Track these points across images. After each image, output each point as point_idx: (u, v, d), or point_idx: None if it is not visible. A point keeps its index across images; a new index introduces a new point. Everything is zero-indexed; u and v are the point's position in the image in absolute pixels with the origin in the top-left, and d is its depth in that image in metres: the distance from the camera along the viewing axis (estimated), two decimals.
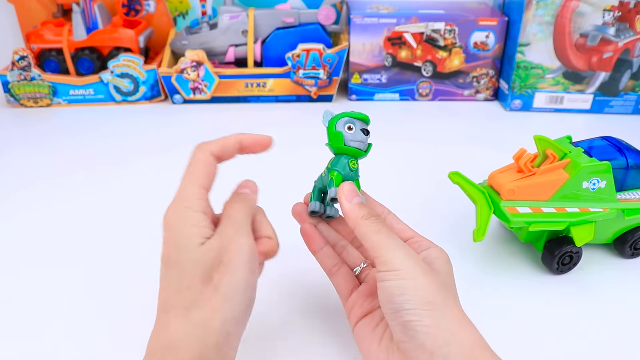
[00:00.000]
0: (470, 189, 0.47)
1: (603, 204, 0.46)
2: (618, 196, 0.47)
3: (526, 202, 0.45)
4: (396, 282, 0.32)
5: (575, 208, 0.46)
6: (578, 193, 0.46)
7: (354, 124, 0.39)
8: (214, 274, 0.31)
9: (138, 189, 0.62)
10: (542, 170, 0.45)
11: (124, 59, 0.84)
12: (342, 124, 0.39)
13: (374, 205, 0.41)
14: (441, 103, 0.89)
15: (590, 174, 0.45)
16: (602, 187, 0.46)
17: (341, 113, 0.39)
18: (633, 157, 0.47)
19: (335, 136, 0.39)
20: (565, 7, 0.77)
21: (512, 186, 0.45)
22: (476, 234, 0.44)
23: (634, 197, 0.47)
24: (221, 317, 0.30)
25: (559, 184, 0.45)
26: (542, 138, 0.48)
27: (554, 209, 0.45)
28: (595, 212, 0.46)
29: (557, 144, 0.47)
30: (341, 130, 0.38)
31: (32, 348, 0.40)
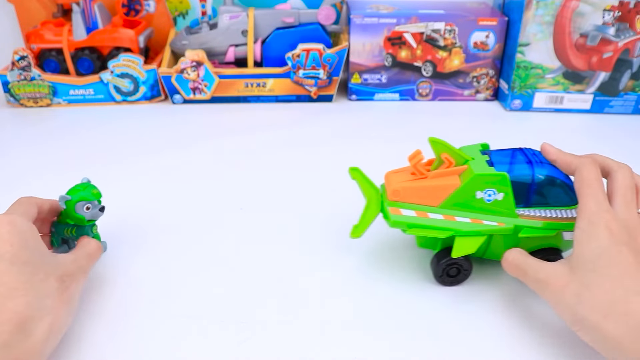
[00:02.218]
0: (366, 186, 0.44)
1: (499, 218, 0.43)
2: (521, 212, 0.43)
3: (413, 205, 0.43)
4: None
5: (466, 219, 0.43)
6: (472, 203, 0.42)
7: (91, 206, 0.46)
8: (65, 279, 0.38)
9: (138, 189, 0.62)
10: (434, 174, 0.43)
11: (124, 59, 0.84)
12: (80, 206, 0.46)
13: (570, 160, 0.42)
14: (441, 103, 0.89)
15: (485, 183, 0.42)
16: (499, 200, 0.42)
17: (76, 195, 0.46)
18: (541, 172, 0.43)
19: (77, 218, 0.46)
20: (565, 7, 0.77)
21: (397, 187, 0.43)
22: (354, 229, 0.43)
23: (538, 214, 0.43)
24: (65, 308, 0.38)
25: (450, 190, 0.42)
26: (438, 141, 0.44)
27: (442, 217, 0.43)
28: (487, 226, 0.43)
29: (454, 149, 0.44)
30: (81, 213, 0.46)
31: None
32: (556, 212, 0.43)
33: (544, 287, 0.38)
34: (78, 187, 0.46)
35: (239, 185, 0.62)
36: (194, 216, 0.56)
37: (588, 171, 0.40)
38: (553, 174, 0.43)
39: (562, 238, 0.44)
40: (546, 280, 0.38)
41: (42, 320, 0.35)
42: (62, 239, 0.49)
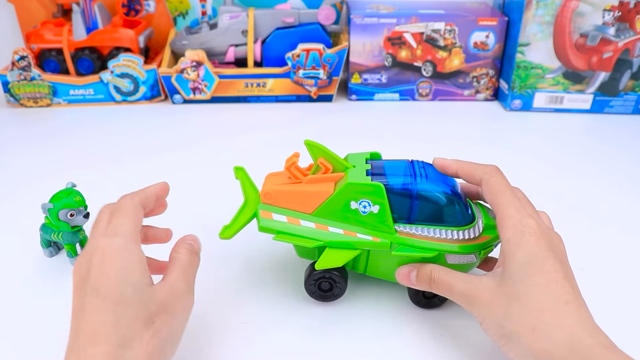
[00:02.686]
0: (247, 187, 0.43)
1: (375, 232, 0.40)
2: (401, 228, 0.40)
3: (285, 210, 0.41)
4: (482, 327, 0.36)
5: (339, 230, 0.40)
6: (347, 214, 0.40)
7: (75, 213, 0.46)
8: (156, 319, 0.31)
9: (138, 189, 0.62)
10: (309, 180, 0.41)
11: (124, 59, 0.84)
12: (63, 214, 0.46)
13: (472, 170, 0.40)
14: (441, 103, 0.89)
15: (359, 193, 0.39)
16: (375, 213, 0.39)
17: (59, 202, 0.45)
18: (426, 186, 0.40)
19: (62, 225, 0.46)
20: (565, 7, 0.77)
21: (270, 189, 0.41)
22: (224, 230, 0.41)
23: (419, 233, 0.40)
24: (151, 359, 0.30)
25: (322, 198, 0.40)
26: (314, 145, 0.41)
27: (314, 225, 0.40)
28: (360, 240, 0.40)
29: (333, 155, 0.41)
30: (65, 220, 0.46)
31: None
32: (441, 231, 0.40)
33: (472, 301, 0.36)
34: (61, 194, 0.46)
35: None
36: (194, 216, 0.56)
37: (497, 179, 0.38)
38: (439, 189, 0.40)
39: (446, 261, 0.40)
40: (474, 295, 0.35)
41: None
42: (50, 242, 0.50)
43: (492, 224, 0.41)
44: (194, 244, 0.38)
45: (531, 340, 0.32)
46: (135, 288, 0.31)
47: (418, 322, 0.43)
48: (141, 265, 0.32)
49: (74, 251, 0.49)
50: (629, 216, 0.57)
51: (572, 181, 0.65)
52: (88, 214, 0.47)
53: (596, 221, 0.56)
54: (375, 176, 0.40)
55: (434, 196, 0.40)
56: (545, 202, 0.60)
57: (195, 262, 0.37)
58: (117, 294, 0.31)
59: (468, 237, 0.40)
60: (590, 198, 0.61)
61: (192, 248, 0.37)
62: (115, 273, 0.31)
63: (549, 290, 0.33)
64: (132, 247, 0.33)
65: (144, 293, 0.31)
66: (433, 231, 0.40)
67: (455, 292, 0.37)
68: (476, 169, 0.39)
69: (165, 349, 0.32)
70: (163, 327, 0.31)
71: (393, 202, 0.39)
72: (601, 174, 0.66)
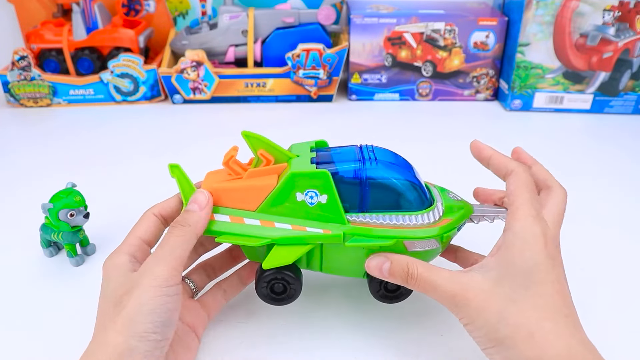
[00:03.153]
0: (184, 186, 0.39)
1: (325, 225, 0.37)
2: (353, 218, 0.37)
3: (228, 209, 0.37)
4: (467, 327, 0.34)
5: (287, 225, 0.37)
6: (294, 207, 0.37)
7: (75, 213, 0.46)
8: (124, 297, 0.33)
9: (138, 189, 0.62)
10: (250, 174, 0.38)
11: (124, 59, 0.84)
12: (63, 214, 0.46)
13: (500, 162, 0.38)
14: (441, 103, 0.89)
15: (304, 183, 0.36)
16: (323, 203, 0.36)
17: (59, 203, 0.46)
18: (376, 171, 0.37)
19: (62, 225, 0.46)
20: (565, 7, 0.77)
21: (209, 188, 0.38)
22: None
23: (374, 221, 0.37)
24: (123, 334, 0.31)
25: (266, 192, 0.37)
26: (253, 135, 0.38)
27: (259, 222, 0.37)
28: (311, 234, 0.36)
29: (274, 145, 0.38)
30: (64, 220, 0.46)
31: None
32: (397, 217, 0.37)
33: (460, 302, 0.33)
34: (61, 194, 0.46)
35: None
36: None
37: (527, 176, 0.36)
38: (391, 173, 0.37)
39: (407, 249, 0.37)
40: (463, 295, 0.33)
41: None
42: (50, 242, 0.49)
43: (452, 206, 0.39)
44: (190, 206, 0.37)
45: (527, 346, 0.30)
46: (114, 282, 0.34)
47: (418, 322, 0.43)
48: (118, 267, 0.35)
49: (74, 251, 0.49)
50: (629, 216, 0.57)
51: (572, 181, 0.64)
52: (88, 214, 0.47)
53: (596, 221, 0.56)
54: (320, 165, 0.37)
55: (386, 181, 0.37)
56: None
57: (179, 233, 0.35)
58: (102, 295, 0.35)
59: (428, 222, 0.37)
60: (590, 198, 0.61)
61: (175, 222, 0.36)
62: (103, 285, 0.35)
63: (553, 300, 0.32)
64: (118, 258, 0.36)
65: (118, 282, 0.34)
66: (389, 218, 0.37)
67: (439, 291, 0.34)
68: (510, 163, 0.38)
69: (136, 320, 0.32)
70: (129, 301, 0.32)
71: (342, 191, 0.37)
72: (601, 174, 0.66)
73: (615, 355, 0.35)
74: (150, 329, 0.32)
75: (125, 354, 0.31)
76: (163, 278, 0.33)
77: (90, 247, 0.51)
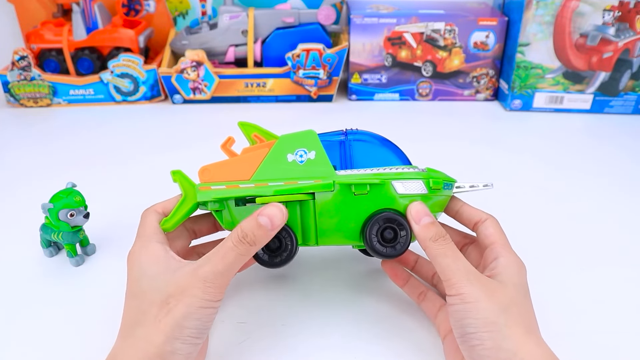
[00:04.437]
0: (185, 185, 0.41)
1: (317, 177, 0.39)
2: (342, 172, 0.40)
3: (224, 182, 0.39)
4: (461, 306, 0.33)
5: (280, 182, 0.39)
6: (286, 169, 0.39)
7: (75, 213, 0.46)
8: (171, 300, 0.33)
9: (138, 189, 0.62)
10: (245, 150, 0.41)
11: (124, 59, 0.84)
12: (63, 214, 0.46)
13: (472, 212, 0.41)
14: (441, 103, 0.89)
15: (293, 143, 0.39)
16: (313, 159, 0.39)
17: (59, 203, 0.46)
18: (356, 134, 0.41)
19: (62, 225, 0.47)
20: (565, 7, 0.77)
21: (206, 165, 0.40)
22: (164, 221, 0.40)
23: (362, 172, 0.40)
24: (167, 336, 0.32)
25: (259, 160, 0.39)
26: (246, 124, 0.42)
27: (253, 185, 0.39)
28: (303, 185, 0.38)
29: (265, 130, 0.42)
30: (64, 220, 0.46)
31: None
32: (383, 169, 0.40)
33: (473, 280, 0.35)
34: (61, 194, 0.46)
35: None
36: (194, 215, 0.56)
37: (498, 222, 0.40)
38: (371, 134, 0.42)
39: (395, 191, 0.39)
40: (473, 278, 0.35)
41: (124, 355, 0.33)
42: (50, 242, 0.49)
43: (437, 172, 0.41)
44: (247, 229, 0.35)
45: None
46: (150, 279, 0.34)
47: (419, 323, 0.43)
48: (155, 258, 0.35)
49: (74, 251, 0.49)
50: (629, 216, 0.57)
51: (572, 181, 0.65)
52: (88, 214, 0.47)
53: (596, 221, 0.56)
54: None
55: (367, 139, 0.41)
56: (545, 202, 0.60)
57: (241, 251, 0.34)
58: (135, 289, 0.35)
59: (412, 171, 0.40)
60: (590, 198, 0.61)
61: (244, 234, 0.35)
62: (134, 273, 0.35)
63: (527, 317, 0.35)
64: (148, 245, 0.36)
65: (159, 281, 0.34)
66: (376, 170, 0.40)
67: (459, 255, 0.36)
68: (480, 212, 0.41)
69: (182, 325, 0.32)
70: (177, 305, 0.33)
71: (328, 153, 0.40)
72: (601, 174, 0.66)
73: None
74: (194, 334, 0.33)
75: (166, 354, 0.32)
76: (215, 294, 0.34)
77: (90, 247, 0.51)
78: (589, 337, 0.41)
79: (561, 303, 0.45)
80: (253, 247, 0.35)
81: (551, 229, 0.55)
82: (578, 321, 0.43)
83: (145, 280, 0.34)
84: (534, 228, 0.55)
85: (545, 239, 0.53)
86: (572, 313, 0.44)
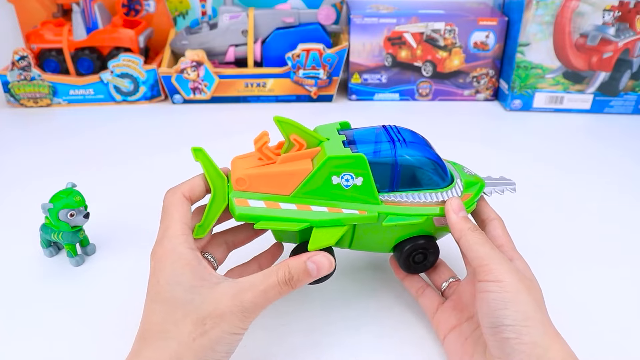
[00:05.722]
0: (211, 173, 0.38)
1: (360, 205, 0.38)
2: (385, 197, 0.38)
3: (262, 195, 0.38)
4: (499, 295, 0.33)
5: (323, 207, 0.37)
6: (329, 190, 0.37)
7: (75, 213, 0.46)
8: (208, 321, 0.32)
9: (138, 189, 0.62)
10: (284, 159, 0.38)
11: (124, 59, 0.84)
12: (63, 214, 0.46)
13: (483, 207, 0.42)
14: (441, 103, 0.89)
15: (340, 167, 0.37)
16: (359, 185, 0.37)
17: (59, 203, 0.46)
18: (405, 151, 0.38)
19: (62, 225, 0.46)
20: (565, 7, 0.77)
21: (242, 174, 0.37)
22: (197, 229, 0.38)
23: (405, 200, 0.39)
24: (196, 356, 0.32)
25: (302, 177, 0.37)
26: (285, 120, 0.38)
27: (295, 207, 0.37)
28: (347, 215, 0.37)
29: (305, 129, 0.38)
30: (64, 220, 0.46)
31: None
32: (425, 195, 0.39)
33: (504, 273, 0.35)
34: (61, 194, 0.46)
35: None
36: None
37: (504, 224, 0.41)
38: (419, 153, 0.39)
39: (434, 224, 0.40)
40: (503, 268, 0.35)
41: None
42: (50, 242, 0.49)
43: (471, 181, 0.42)
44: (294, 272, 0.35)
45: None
46: (185, 289, 0.33)
47: (419, 324, 0.43)
48: (190, 267, 0.34)
49: (74, 251, 0.49)
50: (629, 216, 0.57)
51: (572, 181, 0.65)
52: (88, 214, 0.47)
53: (596, 221, 0.56)
54: (352, 145, 0.38)
55: (416, 161, 0.39)
56: (545, 202, 0.60)
57: (283, 291, 0.35)
58: (165, 293, 0.33)
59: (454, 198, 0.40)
60: (590, 198, 0.61)
61: (291, 276, 0.35)
62: (164, 277, 0.33)
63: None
64: (180, 250, 0.34)
65: (195, 294, 0.33)
66: (417, 196, 0.39)
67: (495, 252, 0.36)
68: (490, 210, 0.42)
69: (215, 349, 0.32)
70: (213, 328, 0.32)
71: (375, 172, 0.38)
72: (601, 174, 0.66)
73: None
74: (222, 357, 0.33)
75: None
76: (249, 323, 0.34)
77: (90, 247, 0.50)
78: (588, 337, 0.41)
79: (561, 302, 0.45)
80: (294, 289, 0.35)
81: (551, 229, 0.55)
82: (578, 321, 0.43)
83: (179, 289, 0.33)
84: (534, 228, 0.55)
85: (545, 239, 0.53)
86: (572, 313, 0.44)
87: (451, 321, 0.39)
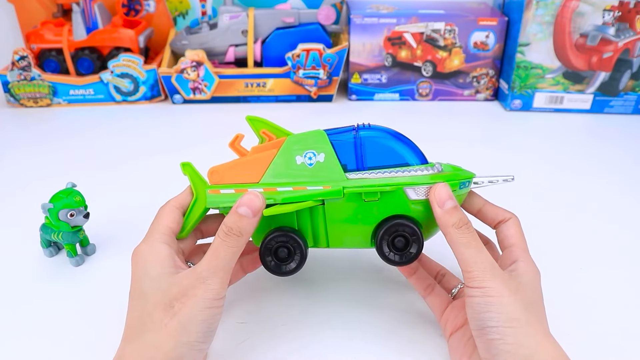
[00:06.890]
0: (196, 181, 0.40)
1: (326, 182, 0.38)
2: (353, 175, 0.38)
3: (233, 185, 0.39)
4: (482, 299, 0.33)
5: (288, 187, 0.38)
6: (296, 172, 0.38)
7: (75, 213, 0.46)
8: (175, 303, 0.33)
9: (138, 189, 0.62)
10: (254, 150, 0.40)
11: (124, 59, 0.84)
12: (63, 214, 0.46)
13: (495, 210, 0.40)
14: (441, 103, 0.89)
15: (300, 143, 0.38)
16: (322, 162, 0.38)
17: (59, 203, 0.46)
18: (368, 131, 0.39)
19: (62, 225, 0.47)
20: (565, 7, 0.77)
21: (214, 167, 0.39)
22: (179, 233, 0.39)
23: (374, 176, 0.38)
24: (175, 341, 0.32)
25: (267, 161, 0.38)
26: (254, 118, 0.41)
27: (262, 190, 0.38)
28: (311, 191, 0.37)
29: (274, 125, 0.40)
30: (64, 220, 0.46)
31: None
32: (396, 171, 0.38)
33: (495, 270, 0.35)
34: (61, 194, 0.46)
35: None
36: None
37: (520, 223, 0.40)
38: (382, 129, 0.39)
39: (407, 197, 0.38)
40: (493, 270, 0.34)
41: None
42: (50, 242, 0.49)
43: (454, 167, 0.40)
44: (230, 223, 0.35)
45: None
46: (153, 280, 0.34)
47: (420, 323, 0.43)
48: (162, 259, 0.35)
49: (74, 251, 0.49)
50: (628, 216, 0.57)
51: (572, 181, 0.65)
52: (88, 214, 0.47)
53: (596, 221, 0.56)
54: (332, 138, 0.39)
55: (377, 134, 0.39)
56: (545, 202, 0.60)
57: (231, 244, 0.34)
58: (139, 289, 0.34)
59: (427, 174, 0.38)
60: (590, 198, 0.61)
61: (228, 227, 0.35)
62: (138, 272, 0.35)
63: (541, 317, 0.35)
64: (156, 246, 0.36)
65: (163, 282, 0.34)
66: (388, 172, 0.38)
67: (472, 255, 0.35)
68: (504, 211, 0.40)
69: (189, 329, 0.32)
70: (182, 309, 0.33)
71: (339, 152, 0.38)
72: (601, 174, 0.66)
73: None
74: (200, 339, 0.33)
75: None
76: (216, 291, 0.33)
77: (90, 247, 0.51)
78: (588, 338, 0.41)
79: (561, 302, 0.45)
80: (241, 238, 0.35)
81: (551, 229, 0.55)
82: (578, 321, 0.43)
83: (148, 281, 0.34)
84: (534, 228, 0.55)
85: (545, 239, 0.53)
86: (571, 313, 0.44)
87: (458, 320, 0.39)
